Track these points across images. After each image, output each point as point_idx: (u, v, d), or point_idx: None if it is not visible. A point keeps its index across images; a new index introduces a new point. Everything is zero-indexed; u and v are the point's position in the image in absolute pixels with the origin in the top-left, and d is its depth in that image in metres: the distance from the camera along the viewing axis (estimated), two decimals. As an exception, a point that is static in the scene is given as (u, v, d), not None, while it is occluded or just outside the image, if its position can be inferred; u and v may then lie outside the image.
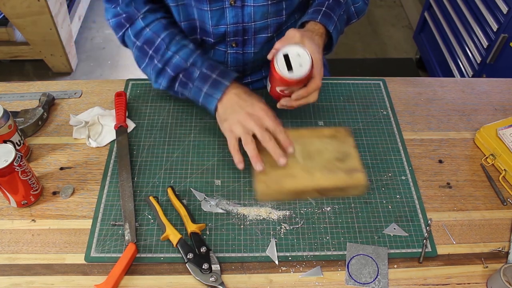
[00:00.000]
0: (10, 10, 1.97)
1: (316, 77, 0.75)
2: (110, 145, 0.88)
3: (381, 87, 1.02)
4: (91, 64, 2.45)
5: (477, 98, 1.01)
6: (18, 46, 2.20)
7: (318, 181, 0.78)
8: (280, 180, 0.77)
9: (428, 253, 0.74)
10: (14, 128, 0.81)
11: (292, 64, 0.68)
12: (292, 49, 0.69)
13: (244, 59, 0.93)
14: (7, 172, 0.71)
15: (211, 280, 0.69)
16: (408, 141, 0.91)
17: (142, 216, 0.77)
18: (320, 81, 0.76)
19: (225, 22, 0.85)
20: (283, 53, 0.69)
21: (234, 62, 0.93)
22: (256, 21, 0.86)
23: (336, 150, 0.82)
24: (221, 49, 0.91)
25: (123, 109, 0.91)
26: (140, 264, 0.72)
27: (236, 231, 0.76)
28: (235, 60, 0.92)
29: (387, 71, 2.40)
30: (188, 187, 0.82)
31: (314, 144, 0.83)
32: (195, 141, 0.89)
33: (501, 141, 0.87)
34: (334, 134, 0.85)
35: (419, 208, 0.80)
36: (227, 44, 0.90)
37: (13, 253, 0.73)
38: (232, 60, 0.92)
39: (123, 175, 0.82)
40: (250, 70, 0.98)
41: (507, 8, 1.60)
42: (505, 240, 0.77)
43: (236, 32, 0.87)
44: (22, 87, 1.00)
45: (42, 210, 0.78)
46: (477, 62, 1.80)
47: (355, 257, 0.73)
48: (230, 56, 0.92)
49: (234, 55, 0.92)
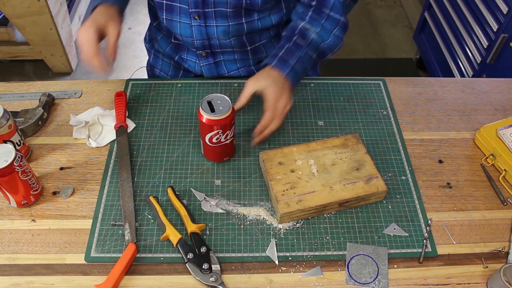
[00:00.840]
0: (10, 10, 1.97)
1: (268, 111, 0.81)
2: (110, 145, 0.88)
3: (381, 87, 1.02)
4: (91, 64, 2.45)
5: (477, 98, 1.01)
6: (18, 46, 2.20)
7: (339, 194, 0.77)
8: (302, 198, 0.76)
9: (428, 253, 0.74)
10: (14, 128, 0.81)
11: (214, 108, 0.77)
12: (215, 96, 0.79)
13: (208, 32, 0.94)
14: (7, 172, 0.71)
15: (211, 280, 0.69)
16: (408, 141, 0.91)
17: (142, 216, 0.77)
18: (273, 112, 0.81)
19: None
20: (206, 100, 0.78)
21: (199, 35, 0.94)
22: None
23: (351, 159, 0.82)
24: (186, 22, 0.93)
25: (123, 109, 0.91)
26: (140, 264, 0.72)
27: (236, 231, 0.76)
28: (199, 33, 0.94)
29: (387, 71, 2.40)
30: (188, 187, 0.82)
31: (327, 156, 0.82)
32: (195, 141, 0.89)
33: (501, 141, 0.87)
34: (345, 143, 0.84)
35: (419, 208, 0.80)
36: (190, 16, 0.91)
37: (13, 253, 0.73)
38: (197, 34, 0.94)
39: (123, 175, 0.82)
40: (218, 48, 0.98)
41: (507, 8, 1.60)
42: (505, 240, 0.77)
43: (196, 3, 0.89)
44: (22, 87, 1.00)
45: (42, 210, 0.78)
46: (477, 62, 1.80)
47: (355, 257, 0.73)
48: (195, 28, 0.93)
49: (198, 28, 0.93)
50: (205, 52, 0.98)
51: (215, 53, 0.99)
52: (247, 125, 0.92)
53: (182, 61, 1.04)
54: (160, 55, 1.10)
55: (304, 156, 0.82)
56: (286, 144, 0.89)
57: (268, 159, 0.81)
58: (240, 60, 1.02)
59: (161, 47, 1.07)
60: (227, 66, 1.02)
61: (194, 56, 1.01)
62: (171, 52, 1.05)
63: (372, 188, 0.78)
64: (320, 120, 0.94)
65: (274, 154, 0.82)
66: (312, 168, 0.80)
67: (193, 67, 1.02)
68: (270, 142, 0.89)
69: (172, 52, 1.05)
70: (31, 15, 2.00)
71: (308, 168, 0.80)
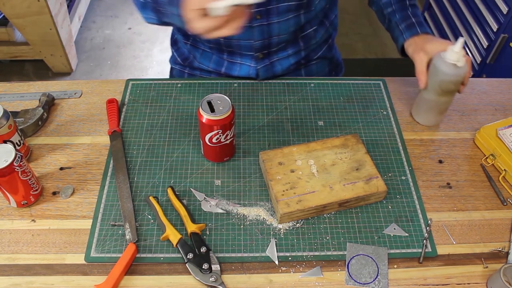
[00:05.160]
0: (10, 10, 1.97)
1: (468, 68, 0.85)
2: (109, 145, 0.88)
3: (381, 87, 1.02)
4: (91, 64, 2.45)
5: (477, 98, 1.01)
6: (18, 46, 2.20)
7: (339, 194, 0.77)
8: (302, 198, 0.76)
9: (428, 253, 0.74)
10: (14, 128, 0.81)
11: (214, 108, 0.77)
12: (215, 96, 0.79)
13: (270, 31, 0.92)
14: (7, 172, 0.71)
15: (211, 280, 0.69)
16: (408, 141, 0.91)
17: (142, 216, 0.77)
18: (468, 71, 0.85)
19: None
20: (206, 100, 0.78)
21: (260, 35, 0.93)
22: None
23: (351, 159, 0.82)
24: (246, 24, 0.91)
25: (115, 115, 0.92)
26: (140, 264, 0.72)
27: (236, 231, 0.76)
28: (260, 33, 0.92)
29: (387, 71, 2.40)
30: (188, 187, 0.82)
31: (327, 156, 0.82)
32: (195, 141, 0.89)
33: (501, 141, 0.87)
34: (345, 143, 0.84)
35: (419, 208, 0.80)
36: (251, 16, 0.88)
37: (13, 253, 0.73)
38: (258, 35, 0.92)
39: (120, 177, 0.82)
40: (276, 46, 0.97)
41: (507, 8, 1.60)
42: (505, 240, 0.77)
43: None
44: (22, 87, 1.00)
45: (42, 210, 0.78)
46: (477, 62, 1.80)
47: (355, 257, 0.73)
48: (256, 30, 0.91)
49: (259, 28, 0.91)
50: (263, 53, 0.97)
51: (271, 53, 0.98)
52: (247, 125, 0.92)
53: (231, 71, 1.00)
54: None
55: (304, 156, 0.82)
56: (286, 144, 0.89)
57: (268, 159, 0.81)
58: (292, 55, 1.01)
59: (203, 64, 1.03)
60: (281, 64, 1.01)
61: (249, 59, 0.98)
62: (215, 66, 1.02)
63: (372, 188, 0.78)
64: (320, 120, 0.94)
65: (274, 154, 0.82)
66: (312, 168, 0.80)
67: (246, 71, 0.99)
68: (270, 142, 0.89)
69: (217, 65, 1.01)
70: (31, 15, 2.00)
71: (308, 168, 0.80)
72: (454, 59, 0.82)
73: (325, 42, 1.09)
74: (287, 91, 1.00)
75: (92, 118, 0.93)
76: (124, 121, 0.92)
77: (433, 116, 0.91)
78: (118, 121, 0.92)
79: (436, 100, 0.88)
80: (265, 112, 0.95)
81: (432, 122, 0.93)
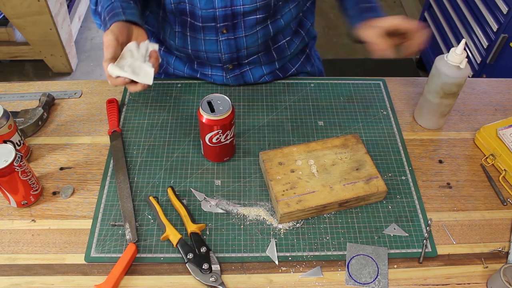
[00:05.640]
0: (10, 10, 1.97)
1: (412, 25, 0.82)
2: (109, 145, 0.88)
3: (381, 87, 1.02)
4: (91, 64, 2.45)
5: (477, 98, 1.01)
6: (18, 46, 2.20)
7: (339, 194, 0.77)
8: (302, 198, 0.76)
9: (428, 253, 0.74)
10: (14, 128, 0.81)
11: (214, 108, 0.77)
12: (215, 96, 0.79)
13: (237, 45, 0.93)
14: (7, 172, 0.71)
15: (211, 280, 0.69)
16: (408, 141, 0.91)
17: (142, 216, 0.77)
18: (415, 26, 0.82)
19: (213, 5, 0.86)
20: (206, 100, 0.78)
21: (227, 49, 0.93)
22: (245, 4, 0.86)
23: (351, 159, 0.82)
24: (212, 38, 0.91)
25: (115, 115, 0.92)
26: (140, 264, 0.72)
27: (236, 231, 0.76)
28: (228, 47, 0.92)
29: (387, 71, 2.40)
30: (188, 187, 0.82)
31: (327, 156, 0.82)
32: (195, 141, 0.89)
33: (501, 141, 0.87)
34: (345, 143, 0.84)
35: (419, 208, 0.80)
36: (217, 31, 0.90)
37: (13, 253, 0.73)
38: (225, 48, 0.92)
39: (120, 177, 0.82)
40: (246, 58, 0.97)
41: (507, 8, 1.60)
42: (505, 240, 0.77)
43: (225, 16, 0.87)
44: (22, 87, 1.00)
45: (42, 210, 0.78)
46: (477, 62, 1.80)
47: (355, 257, 0.73)
48: (223, 43, 0.92)
49: (226, 42, 0.92)
50: (232, 64, 0.97)
51: (241, 64, 0.98)
52: (247, 125, 0.92)
53: (205, 77, 1.01)
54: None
55: (304, 156, 0.82)
56: (286, 144, 0.89)
57: (268, 159, 0.81)
58: (266, 64, 1.00)
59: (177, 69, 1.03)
60: (253, 73, 1.00)
61: (220, 70, 0.98)
62: (190, 72, 1.02)
63: (372, 188, 0.78)
64: (320, 120, 0.94)
65: (274, 154, 0.82)
66: (312, 168, 0.80)
67: (220, 80, 1.00)
68: (270, 142, 0.89)
69: (191, 71, 1.02)
70: (31, 15, 2.00)
71: (308, 168, 0.80)
72: (456, 61, 0.82)
73: (302, 52, 1.07)
74: (287, 91, 1.00)
75: (92, 118, 0.93)
76: (124, 121, 0.93)
77: (436, 119, 0.91)
78: (118, 121, 0.92)
79: (439, 103, 0.88)
80: (265, 112, 0.95)
81: (435, 125, 0.93)
